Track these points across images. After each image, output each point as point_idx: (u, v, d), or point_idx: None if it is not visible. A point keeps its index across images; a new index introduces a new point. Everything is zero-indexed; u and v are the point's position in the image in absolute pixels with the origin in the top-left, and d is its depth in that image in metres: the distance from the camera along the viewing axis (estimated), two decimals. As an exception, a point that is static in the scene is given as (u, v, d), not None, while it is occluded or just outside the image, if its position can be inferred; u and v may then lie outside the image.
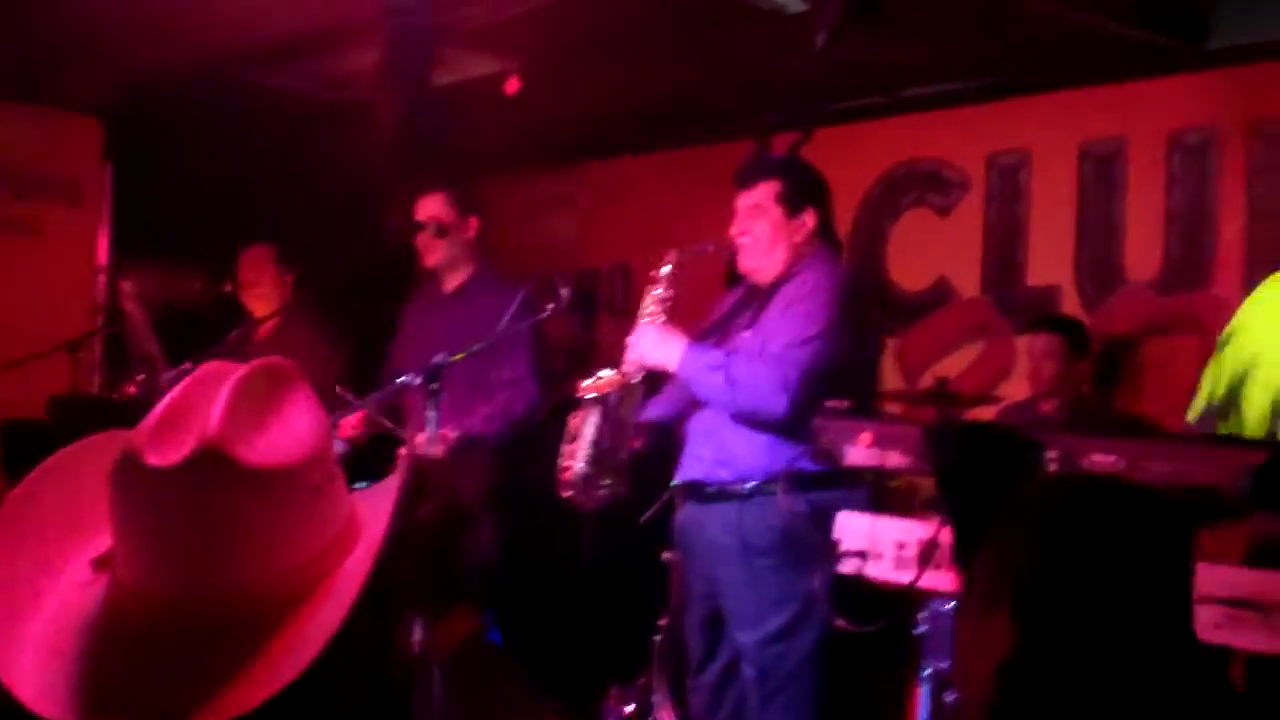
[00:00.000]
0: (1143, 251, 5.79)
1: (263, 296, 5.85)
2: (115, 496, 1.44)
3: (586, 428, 4.25)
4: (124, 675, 1.41)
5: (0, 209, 6.99)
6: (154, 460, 1.40)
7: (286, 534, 1.45)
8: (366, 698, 1.57)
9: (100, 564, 1.49)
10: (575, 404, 4.32)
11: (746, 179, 4.36)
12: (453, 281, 5.25)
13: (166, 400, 1.47)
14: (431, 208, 5.20)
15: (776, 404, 4.06)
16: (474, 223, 5.20)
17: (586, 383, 4.27)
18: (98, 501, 1.48)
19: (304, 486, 1.46)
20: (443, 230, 5.18)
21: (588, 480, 4.24)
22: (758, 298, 4.37)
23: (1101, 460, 2.96)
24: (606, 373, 4.29)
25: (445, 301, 5.26)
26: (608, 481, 4.26)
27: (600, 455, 4.24)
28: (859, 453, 3.49)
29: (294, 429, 1.47)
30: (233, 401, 1.43)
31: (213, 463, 1.40)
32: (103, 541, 1.49)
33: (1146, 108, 5.80)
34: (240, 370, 1.48)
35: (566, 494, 4.30)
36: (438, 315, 5.24)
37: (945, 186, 6.39)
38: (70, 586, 1.50)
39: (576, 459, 4.25)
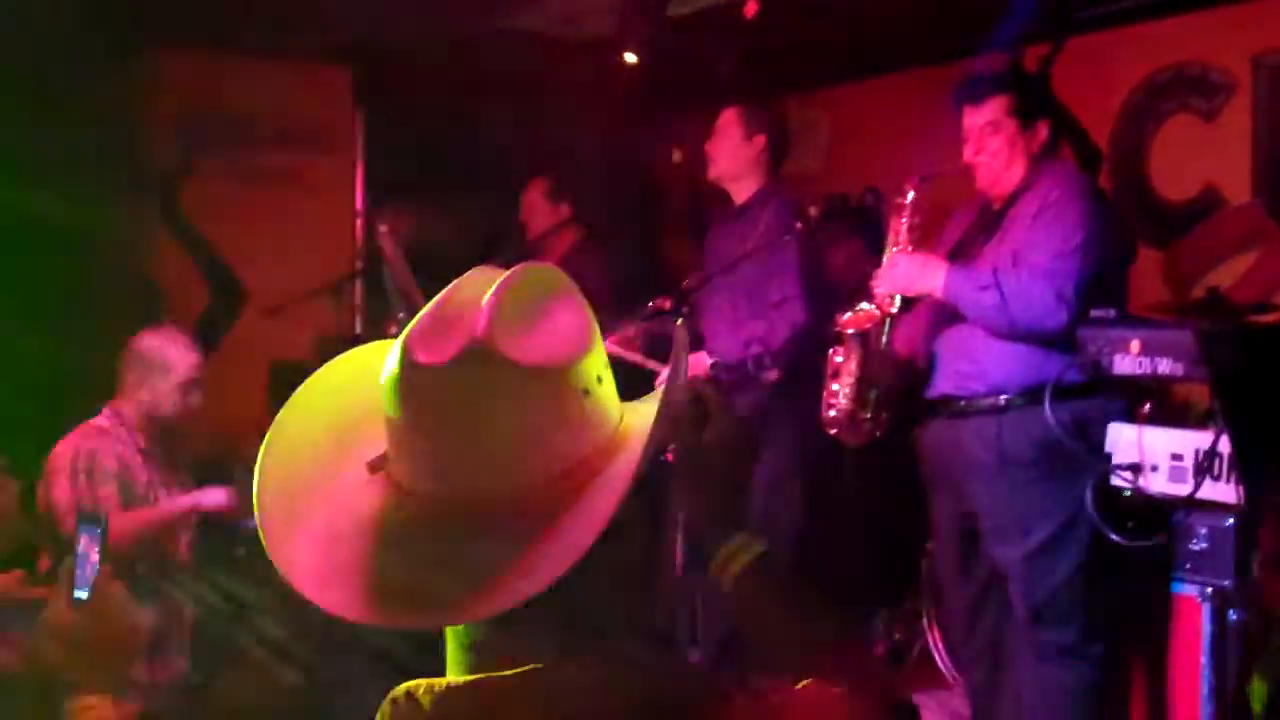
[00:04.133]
0: None
1: (539, 232, 5.99)
2: (388, 395, 1.47)
3: (849, 364, 4.23)
4: (400, 572, 1.45)
5: (262, 160, 7.24)
6: (424, 358, 1.43)
7: (554, 433, 1.46)
8: (631, 607, 1.57)
9: (375, 465, 1.52)
10: (836, 339, 4.29)
11: (976, 96, 4.25)
12: (740, 196, 5.25)
13: (437, 301, 1.50)
14: (721, 121, 5.21)
15: (1056, 318, 3.94)
16: (760, 140, 5.18)
17: (846, 317, 4.24)
18: (371, 403, 1.51)
19: (572, 388, 1.47)
20: (718, 145, 5.21)
21: (853, 417, 4.23)
22: (994, 214, 4.27)
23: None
24: (865, 306, 4.25)
25: (733, 218, 5.26)
26: (872, 416, 4.23)
27: (863, 391, 4.21)
28: (1128, 361, 3.36)
29: (562, 331, 1.48)
30: (501, 302, 1.45)
31: (481, 359, 1.41)
32: (377, 444, 1.52)
33: None
34: (508, 272, 1.50)
35: (833, 431, 4.29)
36: (727, 233, 5.26)
37: (1210, 90, 6.10)
38: (347, 487, 1.53)
39: (840, 396, 4.23)
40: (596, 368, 1.51)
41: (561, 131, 7.11)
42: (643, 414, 1.56)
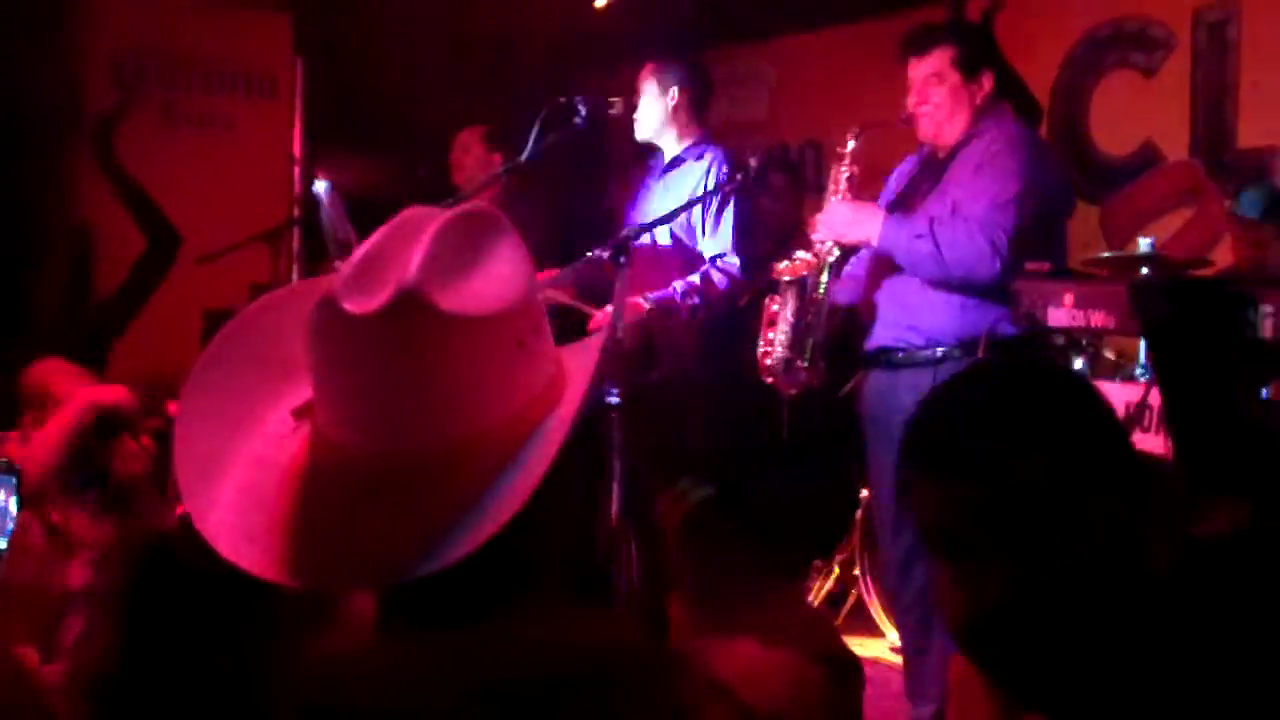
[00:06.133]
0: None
1: (470, 179, 5.91)
2: (314, 344, 1.39)
3: (785, 311, 4.22)
4: (325, 529, 1.38)
5: (195, 104, 7.15)
6: (352, 307, 1.35)
7: (488, 385, 1.38)
8: (568, 562, 1.51)
9: (301, 414, 1.45)
10: (772, 287, 4.28)
11: (921, 47, 4.25)
12: (671, 151, 5.21)
13: (366, 246, 1.42)
14: (640, 79, 5.16)
15: (989, 268, 3.96)
16: (675, 94, 5.13)
17: (782, 265, 4.23)
18: (296, 350, 1.43)
19: (507, 337, 1.39)
20: (641, 103, 5.15)
21: (789, 365, 4.22)
22: (937, 165, 4.28)
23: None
24: (801, 255, 4.24)
25: (665, 170, 5.22)
26: (807, 364, 4.23)
27: (800, 339, 4.21)
28: (1062, 314, 3.38)
29: (497, 278, 1.40)
30: (433, 248, 1.37)
31: (412, 309, 1.34)
32: (303, 391, 1.45)
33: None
34: (442, 216, 1.42)
35: (768, 379, 4.29)
36: (657, 185, 5.20)
37: (1150, 45, 6.12)
38: (270, 437, 1.46)
39: (776, 344, 4.23)
40: (533, 316, 1.43)
41: (505, 79, 7.05)
42: (580, 358, 1.49)
